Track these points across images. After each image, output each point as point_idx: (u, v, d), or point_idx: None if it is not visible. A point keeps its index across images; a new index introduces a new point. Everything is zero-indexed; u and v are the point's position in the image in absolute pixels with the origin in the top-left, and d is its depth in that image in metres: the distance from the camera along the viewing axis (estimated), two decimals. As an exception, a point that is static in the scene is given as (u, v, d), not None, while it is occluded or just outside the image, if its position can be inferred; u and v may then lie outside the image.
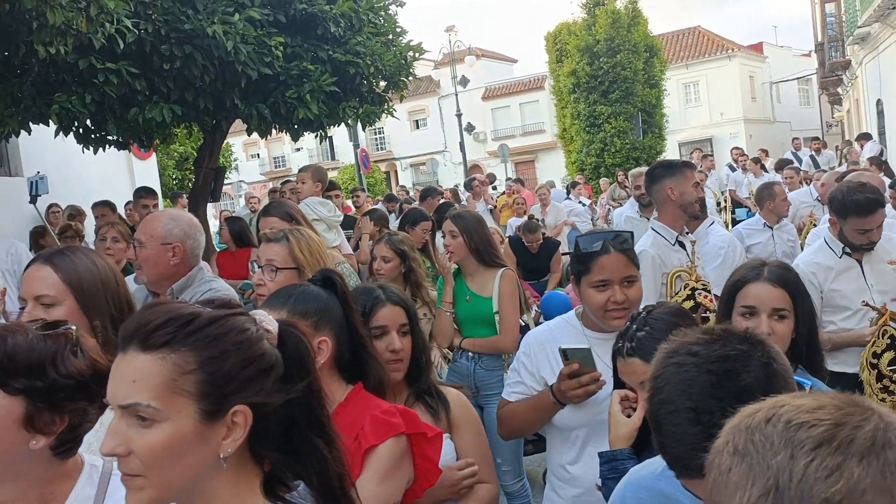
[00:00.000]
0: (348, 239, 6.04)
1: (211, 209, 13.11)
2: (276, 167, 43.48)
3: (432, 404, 2.10)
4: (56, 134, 7.07)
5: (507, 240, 7.12)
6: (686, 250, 3.38)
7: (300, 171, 5.55)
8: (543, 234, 7.72)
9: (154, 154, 13.94)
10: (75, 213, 8.24)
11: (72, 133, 7.09)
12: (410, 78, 8.15)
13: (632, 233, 2.37)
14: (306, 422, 1.20)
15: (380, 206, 10.07)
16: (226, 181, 10.62)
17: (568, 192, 14.15)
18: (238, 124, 7.83)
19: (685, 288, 3.24)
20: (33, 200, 6.01)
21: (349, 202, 10.14)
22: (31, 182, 6.16)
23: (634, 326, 1.86)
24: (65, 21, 4.57)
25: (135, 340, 1.11)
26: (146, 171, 14.27)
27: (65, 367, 1.35)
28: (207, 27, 6.24)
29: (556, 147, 32.27)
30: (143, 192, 7.07)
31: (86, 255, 1.98)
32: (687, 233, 3.51)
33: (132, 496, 1.10)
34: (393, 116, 8.60)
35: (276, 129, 7.63)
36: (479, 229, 3.80)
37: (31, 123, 6.76)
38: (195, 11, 6.43)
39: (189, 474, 1.10)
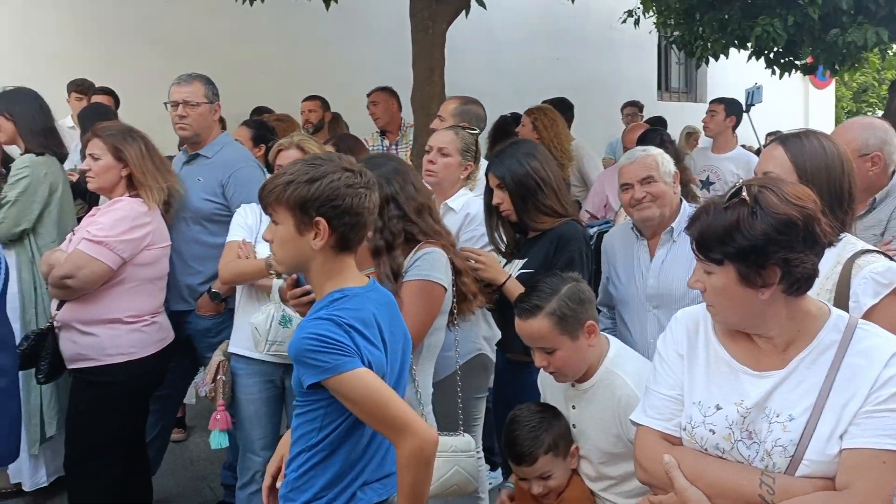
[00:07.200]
0: None
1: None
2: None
3: None
4: (748, 59, 7.38)
5: None
6: None
7: None
8: None
9: (832, 83, 13.34)
10: (691, 132, 8.64)
11: (762, 58, 7.28)
12: None
13: None
14: None
15: None
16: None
17: None
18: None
19: None
20: (747, 109, 6.48)
21: None
22: (749, 92, 6.69)
23: None
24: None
25: None
26: (821, 101, 13.82)
27: (749, 230, 1.46)
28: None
29: None
30: None
31: (818, 139, 2.04)
32: None
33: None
34: None
35: None
36: None
37: (730, 49, 7.21)
38: None
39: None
